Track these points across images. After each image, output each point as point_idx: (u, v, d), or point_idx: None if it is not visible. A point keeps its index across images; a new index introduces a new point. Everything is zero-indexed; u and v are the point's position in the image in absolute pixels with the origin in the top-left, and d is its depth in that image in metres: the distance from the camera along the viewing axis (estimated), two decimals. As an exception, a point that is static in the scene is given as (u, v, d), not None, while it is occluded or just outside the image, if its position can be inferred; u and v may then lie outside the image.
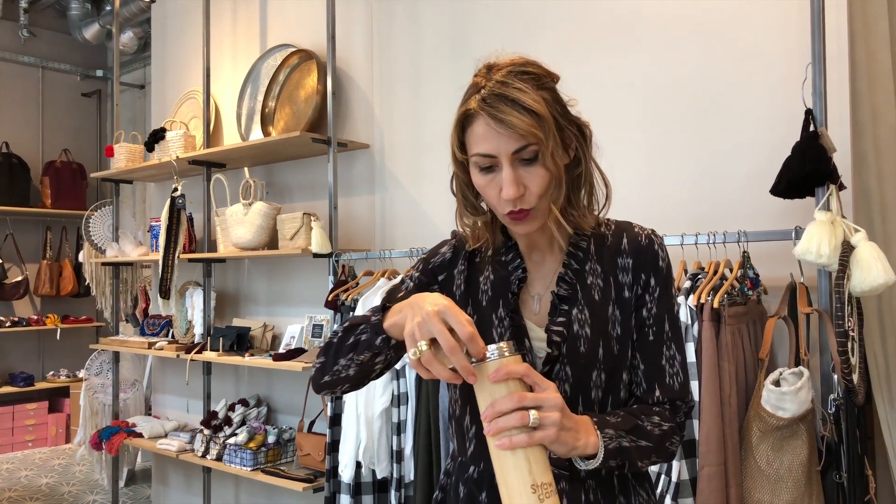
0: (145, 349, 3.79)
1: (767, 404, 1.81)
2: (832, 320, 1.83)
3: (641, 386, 1.13)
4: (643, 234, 1.15)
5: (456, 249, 1.23)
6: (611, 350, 1.10)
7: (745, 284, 2.02)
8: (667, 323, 1.13)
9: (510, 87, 1.01)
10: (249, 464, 3.20)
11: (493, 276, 1.18)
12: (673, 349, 1.13)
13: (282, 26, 3.67)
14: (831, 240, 1.82)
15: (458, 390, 1.18)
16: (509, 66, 1.05)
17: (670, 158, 2.39)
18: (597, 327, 1.10)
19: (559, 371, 1.09)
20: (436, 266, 1.23)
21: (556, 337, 1.09)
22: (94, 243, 4.25)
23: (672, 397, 1.11)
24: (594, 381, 1.09)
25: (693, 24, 2.35)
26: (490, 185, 1.06)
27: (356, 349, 1.09)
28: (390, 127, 3.20)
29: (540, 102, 1.01)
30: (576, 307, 1.11)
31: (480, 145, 1.04)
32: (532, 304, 1.15)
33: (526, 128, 0.99)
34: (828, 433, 1.83)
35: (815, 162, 1.86)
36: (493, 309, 1.15)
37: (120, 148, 3.97)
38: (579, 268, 1.14)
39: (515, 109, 1.00)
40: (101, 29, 5.92)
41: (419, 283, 1.22)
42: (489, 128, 1.02)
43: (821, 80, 1.92)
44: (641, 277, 1.13)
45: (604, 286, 1.13)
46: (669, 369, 1.12)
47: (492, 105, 1.01)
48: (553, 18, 2.68)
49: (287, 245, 3.15)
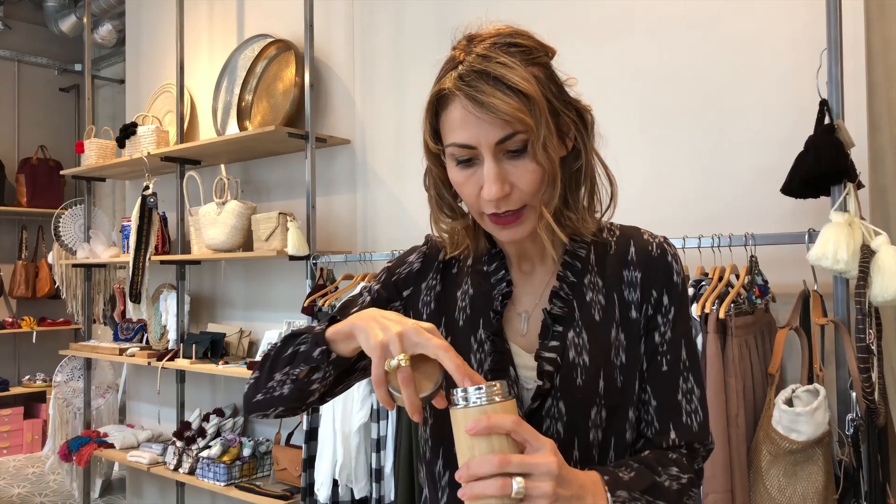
0: (116, 356, 3.60)
1: (779, 425, 1.64)
2: (850, 332, 1.66)
3: (653, 426, 0.94)
4: (654, 243, 0.96)
5: (427, 258, 1.04)
6: (613, 382, 0.91)
7: (753, 292, 1.84)
8: (683, 350, 0.94)
9: (493, 61, 0.83)
10: (223, 478, 3.02)
11: (472, 291, 0.98)
12: (691, 381, 0.94)
13: (259, 15, 3.49)
14: (849, 244, 1.65)
15: (429, 429, 1.00)
16: (494, 37, 0.86)
17: (670, 154, 2.21)
18: (597, 354, 0.91)
19: (550, 407, 0.90)
20: (400, 279, 1.03)
21: (547, 366, 0.90)
22: (63, 244, 4.05)
23: (690, 440, 0.93)
24: (593, 419, 0.90)
25: (695, 7, 2.18)
26: (469, 181, 0.87)
27: (293, 362, 0.91)
28: (372, 121, 3.01)
29: (530, 81, 0.82)
30: (572, 329, 0.92)
31: (457, 133, 0.85)
32: (519, 325, 0.96)
33: (512, 112, 0.81)
34: (846, 457, 1.66)
35: (832, 158, 1.69)
36: (472, 330, 0.96)
37: (91, 144, 3.78)
38: (577, 281, 0.95)
39: (499, 89, 0.81)
40: (78, 21, 5.70)
41: (377, 297, 1.03)
42: (467, 112, 0.83)
43: (837, 68, 1.75)
44: (652, 295, 0.94)
45: (606, 304, 0.94)
46: (687, 406, 0.93)
47: (470, 84, 0.82)
48: (544, 8, 2.50)
49: (262, 247, 2.96)
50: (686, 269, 1.96)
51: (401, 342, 0.78)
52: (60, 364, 4.16)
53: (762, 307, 1.88)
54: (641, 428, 0.95)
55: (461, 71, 0.84)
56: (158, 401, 3.82)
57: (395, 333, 0.79)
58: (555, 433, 0.90)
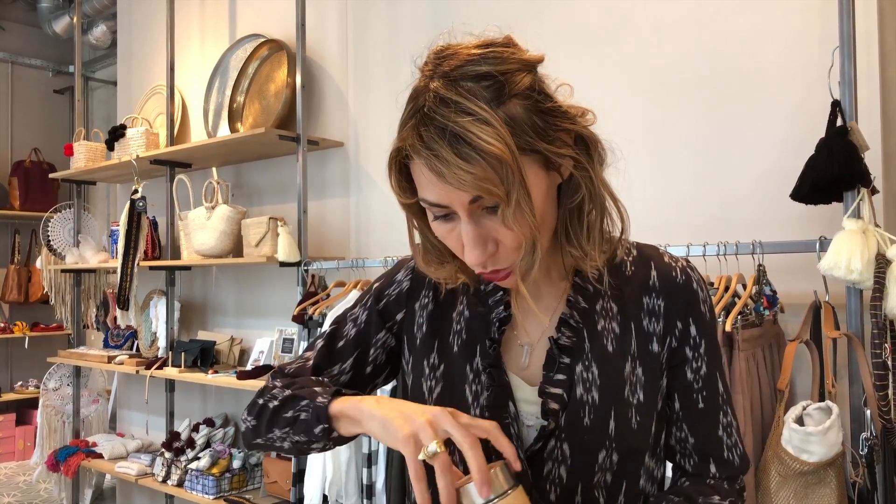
0: (105, 363, 3.51)
1: (789, 445, 1.55)
2: (865, 347, 1.57)
3: (692, 460, 0.87)
4: (677, 268, 0.87)
5: (416, 274, 0.94)
6: (627, 422, 0.81)
7: (761, 303, 1.75)
8: (720, 383, 0.86)
9: (455, 110, 0.70)
10: (212, 491, 2.93)
11: (468, 313, 0.89)
12: (730, 415, 0.87)
13: (252, 15, 3.40)
14: (863, 252, 1.56)
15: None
16: (463, 62, 0.73)
17: (673, 157, 2.11)
18: (608, 391, 0.82)
19: (554, 449, 0.81)
20: (391, 302, 0.94)
21: (553, 403, 0.81)
22: (52, 248, 3.97)
23: (730, 474, 0.86)
24: (601, 463, 0.81)
25: (698, 3, 2.08)
26: (450, 235, 0.78)
27: (293, 426, 0.84)
28: (366, 124, 2.93)
29: (497, 136, 0.69)
30: (581, 362, 0.83)
31: (426, 191, 0.75)
32: (520, 356, 0.86)
33: (474, 182, 0.70)
34: (860, 479, 1.57)
35: (844, 161, 1.59)
36: (468, 358, 0.87)
37: (80, 146, 3.69)
38: (588, 307, 0.85)
39: (460, 156, 0.69)
40: (72, 22, 5.61)
41: (362, 328, 0.94)
42: (432, 173, 0.72)
43: (850, 66, 1.66)
44: (678, 326, 0.85)
45: (621, 333, 0.84)
46: (727, 440, 0.86)
47: (430, 146, 0.70)
48: (541, 6, 2.41)
49: (252, 252, 2.88)
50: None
51: (433, 429, 0.71)
52: (49, 371, 4.07)
53: (770, 319, 1.78)
54: (680, 461, 0.88)
55: (420, 124, 0.72)
56: (148, 409, 3.73)
57: (424, 421, 0.71)
58: (557, 477, 0.81)
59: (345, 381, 0.94)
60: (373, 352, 0.94)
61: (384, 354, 0.94)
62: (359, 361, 0.94)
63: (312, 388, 0.86)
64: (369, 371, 0.94)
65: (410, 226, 0.84)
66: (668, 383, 0.85)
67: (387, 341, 0.94)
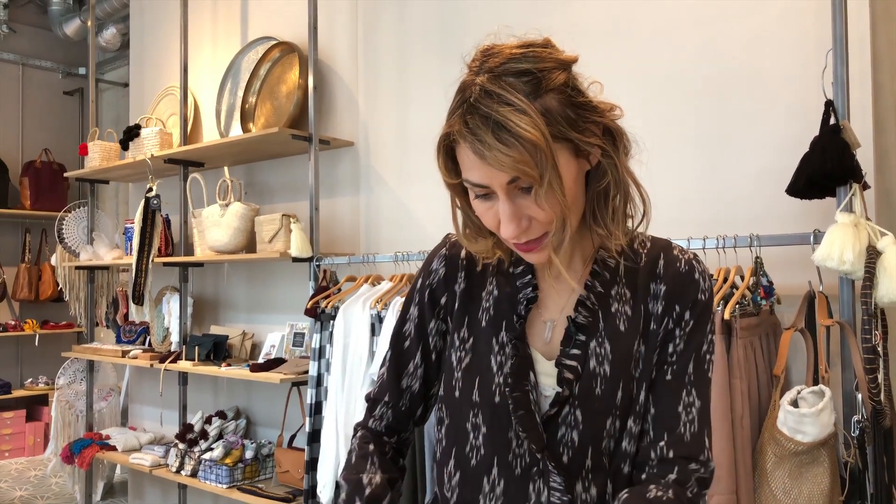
0: (119, 357, 3.60)
1: (784, 427, 1.63)
2: (856, 334, 1.65)
3: (648, 434, 0.92)
4: (683, 259, 0.95)
5: (449, 260, 1.03)
6: (630, 393, 0.91)
7: (758, 293, 1.83)
8: (692, 364, 0.93)
9: (497, 101, 0.79)
10: (225, 481, 3.01)
11: (497, 292, 0.98)
12: (693, 396, 0.92)
13: (263, 18, 3.49)
14: (855, 244, 1.64)
15: (445, 429, 0.99)
16: (505, 60, 0.83)
17: (674, 154, 2.20)
18: (618, 365, 0.91)
19: (567, 415, 0.90)
20: (434, 291, 1.03)
21: (567, 373, 0.90)
22: (67, 246, 4.05)
23: (679, 452, 0.91)
24: (608, 429, 0.90)
25: (699, 7, 2.17)
26: (489, 212, 0.87)
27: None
28: (376, 124, 3.01)
29: (533, 125, 0.78)
30: (595, 339, 0.92)
31: (470, 173, 0.85)
32: (543, 331, 0.95)
33: (513, 164, 0.79)
34: (851, 459, 1.65)
35: (838, 158, 1.68)
36: (494, 332, 0.95)
37: (94, 146, 3.78)
38: (604, 292, 0.94)
39: (500, 140, 0.79)
40: (82, 25, 5.72)
41: (418, 323, 1.04)
42: (475, 155, 0.82)
43: (842, 68, 1.74)
44: (675, 309, 0.93)
45: (632, 315, 0.93)
46: (685, 416, 0.92)
47: (474, 132, 0.80)
48: (546, 8, 2.50)
49: (265, 248, 2.96)
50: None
51: None
52: (63, 366, 4.16)
53: (767, 309, 1.87)
54: (640, 438, 0.93)
55: (466, 110, 0.81)
56: (160, 403, 3.81)
57: None
58: (569, 440, 0.90)
59: (421, 374, 1.03)
60: (431, 340, 1.02)
61: (441, 340, 1.03)
62: (425, 352, 1.03)
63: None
64: (435, 358, 1.03)
65: (454, 204, 0.93)
66: (656, 358, 0.93)
67: (439, 327, 1.02)
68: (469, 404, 0.94)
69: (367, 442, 1.04)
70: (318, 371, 2.63)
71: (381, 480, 0.99)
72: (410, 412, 1.05)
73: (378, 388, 1.06)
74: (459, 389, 0.95)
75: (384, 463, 1.03)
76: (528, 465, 0.91)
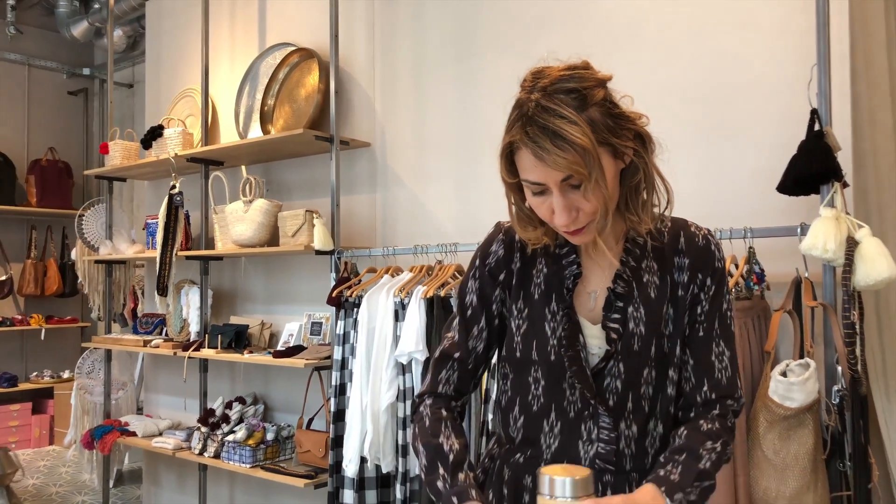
0: (140, 347, 3.77)
1: (775, 395, 1.86)
2: (837, 313, 1.89)
3: (690, 381, 1.14)
4: (700, 235, 1.17)
5: (506, 244, 1.22)
6: (662, 348, 1.12)
7: (751, 279, 2.07)
8: (717, 321, 1.14)
9: (552, 114, 0.99)
10: (248, 461, 3.20)
11: (546, 270, 1.18)
12: (722, 346, 1.14)
13: (281, 25, 3.69)
14: (836, 235, 1.88)
15: (510, 382, 1.20)
16: (555, 80, 1.01)
17: (676, 156, 2.41)
18: (651, 325, 1.11)
19: (612, 367, 1.11)
20: (492, 268, 1.22)
21: (613, 334, 1.11)
22: (87, 241, 4.22)
23: (720, 393, 1.13)
24: (645, 377, 1.11)
25: (699, 24, 2.41)
26: (542, 205, 1.07)
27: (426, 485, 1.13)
28: (392, 126, 3.22)
29: (582, 133, 0.98)
30: (631, 305, 1.12)
31: (529, 173, 1.04)
32: (587, 301, 1.16)
33: (567, 165, 0.98)
34: (832, 423, 1.89)
35: (821, 160, 1.92)
36: (546, 303, 1.16)
37: (115, 145, 3.96)
38: (636, 265, 1.15)
39: (557, 146, 0.98)
40: (89, 27, 5.87)
41: (480, 294, 1.22)
42: (535, 158, 1.01)
43: (826, 81, 1.98)
44: (698, 277, 1.14)
45: (660, 284, 1.14)
46: (718, 365, 1.13)
47: (534, 139, 0.99)
48: (558, 19, 2.73)
49: (289, 242, 3.16)
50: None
51: None
52: (82, 357, 4.32)
53: (759, 294, 2.10)
54: (682, 385, 1.15)
55: (525, 122, 1.00)
56: (179, 391, 3.99)
57: None
58: (614, 388, 1.11)
59: (485, 336, 1.22)
60: (495, 307, 1.22)
61: (502, 307, 1.22)
62: (489, 318, 1.22)
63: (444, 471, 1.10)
64: (497, 323, 1.23)
65: (509, 200, 1.14)
66: (686, 318, 1.15)
67: (500, 296, 1.22)
68: (529, 362, 1.15)
69: (438, 407, 1.19)
70: (343, 355, 2.83)
71: (460, 446, 1.14)
72: (474, 371, 1.24)
73: (448, 346, 1.24)
74: (520, 351, 1.16)
75: (457, 428, 1.18)
76: (580, 409, 1.12)
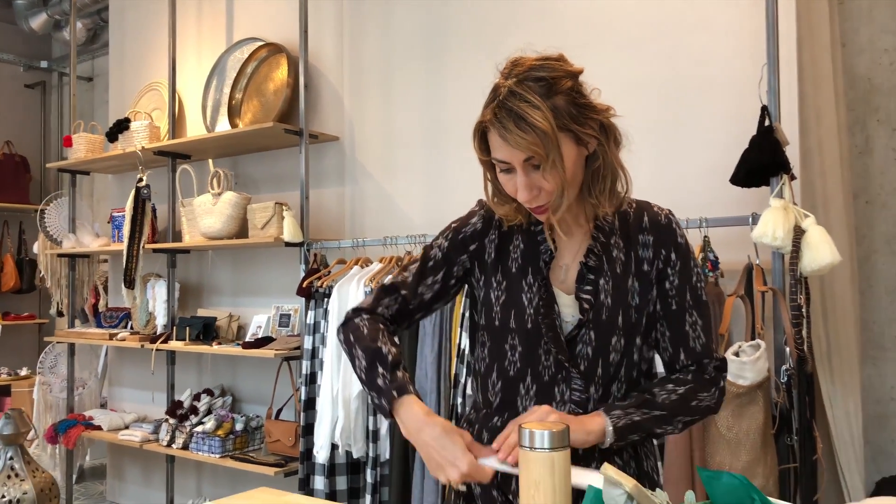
0: (106, 340, 3.76)
1: (728, 374, 1.98)
2: (785, 297, 2.02)
3: (668, 351, 1.24)
4: (662, 214, 1.26)
5: (485, 219, 1.31)
6: (629, 318, 1.21)
7: (706, 267, 2.19)
8: (688, 293, 1.23)
9: (519, 99, 1.08)
10: (218, 451, 3.23)
11: (523, 246, 1.27)
12: (695, 316, 1.23)
13: (249, 20, 3.72)
14: (785, 224, 2.00)
15: (487, 350, 1.28)
16: (527, 69, 1.11)
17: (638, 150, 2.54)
18: (618, 297, 1.21)
19: (584, 334, 1.20)
20: (467, 237, 1.31)
21: (585, 304, 1.20)
22: (49, 235, 4.18)
23: (696, 359, 1.23)
24: (613, 345, 1.20)
25: (659, 26, 2.53)
26: (509, 182, 1.16)
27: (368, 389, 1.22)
28: (361, 120, 3.28)
29: (544, 118, 1.07)
30: (602, 277, 1.21)
31: (497, 152, 1.14)
32: (560, 274, 1.25)
33: (527, 146, 1.08)
34: (781, 400, 2.01)
35: (771, 154, 2.05)
36: (523, 276, 1.24)
37: (79, 138, 3.94)
38: (605, 241, 1.24)
39: (519, 127, 1.07)
40: (48, 19, 5.78)
41: (446, 252, 1.31)
42: (500, 138, 1.11)
43: (775, 79, 2.11)
44: (662, 253, 1.23)
45: (626, 259, 1.23)
46: (692, 333, 1.23)
47: (501, 121, 1.09)
48: (524, 18, 2.83)
49: (258, 234, 3.20)
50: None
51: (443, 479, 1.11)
52: (45, 351, 4.28)
53: (713, 281, 2.22)
54: (661, 354, 1.25)
55: (495, 106, 1.10)
56: (145, 385, 3.99)
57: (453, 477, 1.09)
58: (585, 354, 1.20)
59: (437, 290, 1.31)
60: (455, 269, 1.31)
61: (462, 272, 1.32)
62: (447, 275, 1.31)
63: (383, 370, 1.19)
64: (452, 283, 1.32)
65: (485, 177, 1.24)
66: (656, 292, 1.24)
67: (465, 263, 1.31)
68: (507, 330, 1.24)
69: (375, 321, 1.27)
70: (313, 345, 2.88)
71: (397, 350, 1.23)
72: (413, 313, 1.31)
73: (399, 280, 1.32)
74: (499, 319, 1.25)
75: (393, 340, 1.26)
76: (554, 373, 1.21)
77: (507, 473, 1.13)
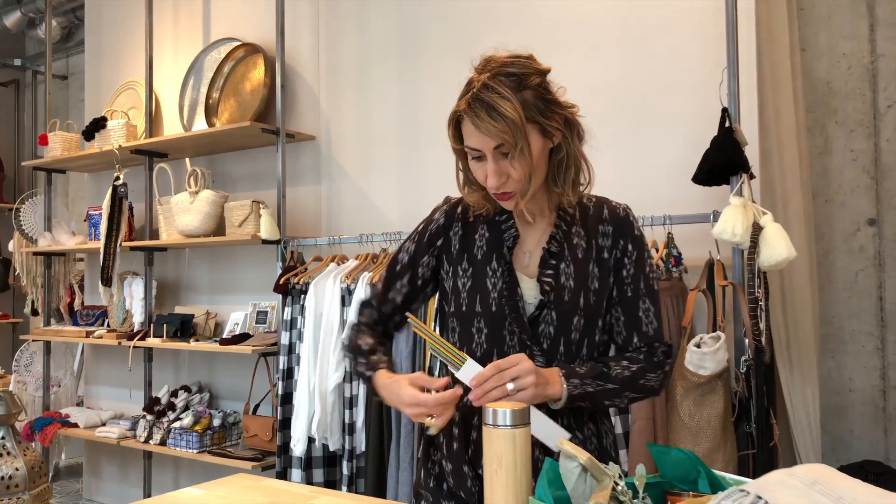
0: (83, 338, 3.78)
1: (690, 364, 2.07)
2: (744, 291, 2.11)
3: (622, 334, 1.32)
4: (620, 208, 1.36)
5: (448, 214, 1.39)
6: (588, 300, 1.29)
7: (670, 262, 2.28)
8: (642, 281, 1.32)
9: (491, 91, 1.17)
10: (195, 446, 3.27)
11: (488, 234, 1.35)
12: (647, 303, 1.32)
13: (226, 20, 3.75)
14: (744, 221, 2.10)
15: (456, 335, 1.35)
16: (500, 65, 1.21)
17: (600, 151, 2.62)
18: (579, 280, 1.29)
19: (546, 315, 1.28)
20: (432, 234, 1.39)
21: (546, 286, 1.28)
22: (25, 233, 4.19)
23: (647, 342, 1.31)
24: (574, 325, 1.28)
25: (621, 28, 2.62)
26: (479, 170, 1.25)
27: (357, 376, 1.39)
28: (337, 120, 3.34)
29: (514, 109, 1.16)
30: (563, 262, 1.29)
31: (469, 140, 1.22)
32: (524, 259, 1.33)
33: (497, 133, 1.17)
34: (740, 389, 2.10)
35: (731, 154, 2.14)
36: (488, 262, 1.32)
37: (55, 136, 3.95)
38: (567, 229, 1.32)
39: (491, 116, 1.16)
40: (22, 17, 5.75)
41: (412, 256, 1.40)
42: (473, 127, 1.19)
43: (734, 82, 2.20)
44: (620, 243, 1.32)
45: (586, 247, 1.32)
46: (645, 319, 1.31)
47: (474, 109, 1.18)
48: (498, 20, 2.90)
49: (235, 232, 3.24)
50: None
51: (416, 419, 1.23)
52: (20, 349, 4.28)
53: (677, 276, 2.31)
54: (615, 337, 1.33)
55: (470, 97, 1.19)
56: (122, 382, 4.01)
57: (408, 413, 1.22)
58: (547, 333, 1.28)
59: (405, 292, 1.40)
60: (421, 270, 1.39)
61: (429, 272, 1.40)
62: (412, 278, 1.40)
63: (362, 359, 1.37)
64: (420, 284, 1.40)
65: (457, 165, 1.32)
66: (613, 280, 1.33)
67: (431, 262, 1.39)
68: (473, 314, 1.31)
69: (359, 328, 1.43)
70: (290, 340, 2.93)
71: (372, 340, 1.38)
72: (390, 315, 1.43)
73: (372, 295, 1.44)
74: (466, 305, 1.32)
75: (374, 334, 1.41)
76: (518, 352, 1.28)
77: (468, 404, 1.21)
